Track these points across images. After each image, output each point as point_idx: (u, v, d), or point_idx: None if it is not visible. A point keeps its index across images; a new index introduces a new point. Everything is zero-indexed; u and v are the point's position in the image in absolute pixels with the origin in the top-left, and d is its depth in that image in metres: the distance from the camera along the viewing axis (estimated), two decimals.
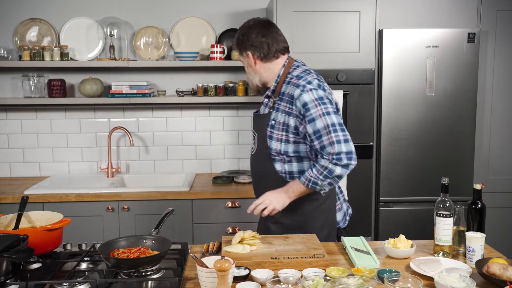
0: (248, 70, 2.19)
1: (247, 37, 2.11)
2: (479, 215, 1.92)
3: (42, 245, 1.79)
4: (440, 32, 3.09)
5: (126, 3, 3.48)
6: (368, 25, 3.06)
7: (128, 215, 3.01)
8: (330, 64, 3.07)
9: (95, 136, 3.56)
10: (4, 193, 3.00)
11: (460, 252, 1.91)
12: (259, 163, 2.19)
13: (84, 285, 1.59)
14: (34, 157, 3.55)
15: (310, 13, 3.03)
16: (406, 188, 3.19)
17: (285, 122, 2.05)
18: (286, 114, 2.05)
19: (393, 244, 1.88)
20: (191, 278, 1.69)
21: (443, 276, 1.55)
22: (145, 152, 3.60)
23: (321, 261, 1.75)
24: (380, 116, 3.14)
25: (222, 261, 1.43)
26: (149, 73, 3.54)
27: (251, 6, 3.52)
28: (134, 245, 1.81)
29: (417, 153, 3.16)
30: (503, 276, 1.57)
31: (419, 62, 3.10)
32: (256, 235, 1.91)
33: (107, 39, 3.44)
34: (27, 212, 1.97)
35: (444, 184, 1.89)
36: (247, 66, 2.17)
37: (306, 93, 1.97)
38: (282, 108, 2.07)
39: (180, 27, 3.49)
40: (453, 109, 3.15)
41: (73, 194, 2.97)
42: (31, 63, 3.27)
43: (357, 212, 3.17)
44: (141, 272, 1.68)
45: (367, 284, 1.48)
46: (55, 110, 3.52)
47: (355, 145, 1.97)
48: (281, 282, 1.51)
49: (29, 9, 3.42)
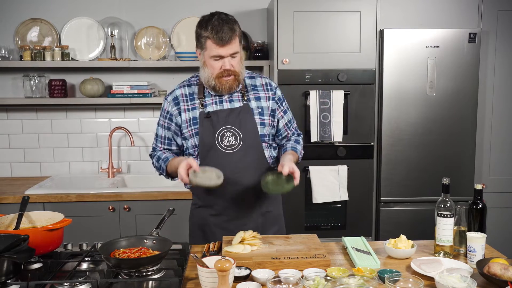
0: (240, 64, 2.07)
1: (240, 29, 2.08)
2: (480, 215, 1.92)
3: (43, 245, 1.79)
4: (441, 32, 3.08)
5: (127, 3, 3.48)
6: (369, 25, 3.06)
7: (129, 215, 3.01)
8: (331, 64, 3.07)
9: (96, 136, 3.57)
10: (5, 193, 3.00)
11: (461, 252, 1.91)
12: (244, 157, 2.08)
13: (84, 285, 1.59)
14: (35, 157, 3.55)
15: (310, 13, 3.03)
16: (407, 188, 3.18)
17: (269, 108, 2.16)
18: (270, 100, 2.16)
19: (394, 244, 1.88)
20: (192, 278, 1.69)
21: (444, 276, 1.55)
22: (146, 152, 3.60)
23: (322, 261, 1.75)
24: (381, 116, 3.14)
25: (223, 261, 1.43)
26: (150, 73, 3.54)
27: (252, 6, 3.51)
28: (134, 245, 1.81)
29: (418, 153, 3.16)
30: (504, 276, 1.57)
31: (420, 62, 3.10)
32: (256, 235, 1.91)
33: (108, 39, 3.44)
34: (28, 212, 1.97)
35: (445, 184, 1.89)
36: (239, 60, 2.06)
37: (278, 87, 2.24)
38: (263, 95, 2.15)
39: (181, 27, 3.49)
40: (454, 109, 3.15)
41: (74, 194, 2.97)
42: (32, 63, 3.28)
43: (358, 212, 3.19)
44: (141, 272, 1.68)
45: (367, 284, 1.48)
46: (56, 110, 3.52)
47: (355, 145, 2.01)
48: (282, 282, 1.51)
49: (30, 9, 3.43)
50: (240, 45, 2.06)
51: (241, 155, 2.08)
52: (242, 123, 2.08)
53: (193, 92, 2.14)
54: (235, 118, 2.08)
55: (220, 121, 2.08)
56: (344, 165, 3.08)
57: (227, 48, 1.98)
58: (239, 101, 2.12)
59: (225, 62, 2.00)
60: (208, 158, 2.08)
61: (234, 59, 2.02)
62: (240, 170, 2.08)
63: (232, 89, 2.08)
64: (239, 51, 2.04)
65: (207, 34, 1.99)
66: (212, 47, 1.98)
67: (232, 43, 1.99)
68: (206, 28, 2.00)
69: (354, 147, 3.12)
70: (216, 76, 2.03)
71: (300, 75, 3.05)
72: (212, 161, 2.07)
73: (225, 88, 2.05)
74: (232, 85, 2.06)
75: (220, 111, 2.09)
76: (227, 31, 1.97)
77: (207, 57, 2.02)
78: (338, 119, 3.03)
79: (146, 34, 3.45)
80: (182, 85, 2.18)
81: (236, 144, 2.08)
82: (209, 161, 2.07)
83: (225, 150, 2.08)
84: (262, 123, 2.12)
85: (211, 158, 2.08)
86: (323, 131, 3.02)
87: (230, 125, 2.08)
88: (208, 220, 2.17)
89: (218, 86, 2.05)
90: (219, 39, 1.96)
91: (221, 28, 1.97)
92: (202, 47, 2.03)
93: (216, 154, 2.07)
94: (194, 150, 2.12)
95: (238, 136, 2.08)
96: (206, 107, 2.10)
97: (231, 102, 2.11)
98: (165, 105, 2.17)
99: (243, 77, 2.11)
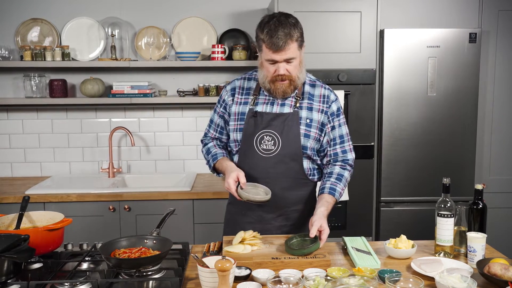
0: (299, 68, 1.98)
1: (302, 30, 1.96)
2: (480, 215, 1.92)
3: (43, 245, 1.79)
4: (441, 32, 3.08)
5: (127, 3, 3.48)
6: (369, 25, 3.06)
7: (129, 215, 3.01)
8: (331, 64, 3.07)
9: (96, 136, 3.57)
10: (6, 193, 3.01)
11: (461, 252, 1.91)
12: (279, 164, 2.03)
13: (85, 285, 1.59)
14: (36, 157, 3.56)
15: (311, 13, 3.03)
16: (407, 188, 3.18)
17: (320, 121, 2.06)
18: (321, 113, 2.07)
19: (394, 244, 1.88)
20: (192, 278, 1.69)
21: (444, 277, 1.55)
22: (146, 152, 3.60)
23: (322, 261, 1.75)
24: (381, 116, 3.14)
25: (223, 261, 1.43)
26: (150, 73, 3.54)
27: (252, 6, 3.52)
28: (135, 245, 1.81)
29: (418, 153, 3.16)
30: (504, 276, 1.57)
31: (420, 62, 3.09)
32: (257, 235, 1.91)
33: (108, 39, 3.44)
34: (28, 212, 1.97)
35: (445, 184, 1.89)
36: (297, 65, 1.97)
37: (337, 100, 2.13)
38: (316, 107, 2.07)
39: (181, 27, 3.49)
40: (454, 109, 3.15)
41: (74, 194, 2.97)
42: (32, 63, 3.28)
43: (358, 212, 3.19)
44: (142, 272, 1.68)
45: (368, 284, 1.48)
46: (56, 110, 3.52)
47: (356, 145, 2.00)
48: (282, 282, 1.51)
49: (30, 9, 3.43)
50: (300, 49, 1.96)
51: (276, 162, 2.03)
52: (285, 130, 2.02)
53: (251, 87, 2.12)
54: (280, 124, 2.02)
55: (263, 122, 2.03)
56: None
57: (281, 54, 1.90)
58: (290, 106, 2.05)
59: (279, 67, 1.93)
60: (246, 157, 2.07)
61: (290, 64, 1.94)
62: (272, 176, 2.03)
63: (287, 93, 2.01)
64: (296, 56, 1.94)
65: (262, 36, 1.92)
66: (267, 51, 1.92)
67: (286, 49, 1.89)
68: (262, 31, 1.92)
69: (355, 147, 3.06)
70: (270, 80, 1.98)
71: None
72: (248, 161, 2.05)
73: (279, 92, 2.00)
74: (287, 89, 1.99)
75: (267, 113, 2.04)
76: (282, 37, 1.87)
77: (263, 59, 1.97)
78: None
79: (147, 34, 3.45)
80: (243, 78, 2.16)
81: (274, 150, 2.02)
82: (245, 161, 2.06)
83: (262, 154, 2.03)
84: (307, 134, 2.04)
85: (248, 158, 2.06)
86: None
87: (272, 129, 2.02)
88: (236, 219, 2.17)
89: (273, 90, 2.00)
90: (273, 44, 1.88)
91: (276, 34, 1.87)
92: (259, 48, 1.99)
93: (252, 156, 2.04)
94: (235, 145, 2.10)
95: (277, 142, 2.02)
96: (257, 105, 2.07)
97: (282, 106, 2.05)
98: (223, 94, 2.15)
99: (300, 83, 2.03)
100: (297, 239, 1.91)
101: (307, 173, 2.10)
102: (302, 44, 1.97)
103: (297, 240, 1.90)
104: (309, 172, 2.11)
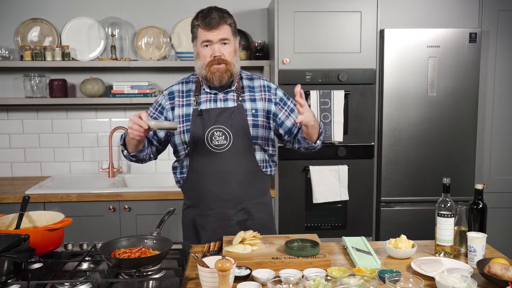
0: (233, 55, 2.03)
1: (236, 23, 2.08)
2: (480, 215, 1.92)
3: (43, 245, 1.79)
4: (442, 32, 3.08)
5: (127, 3, 3.48)
6: (369, 25, 3.06)
7: (129, 215, 3.01)
8: (331, 64, 3.07)
9: (96, 136, 3.57)
10: (6, 193, 3.01)
11: (461, 252, 1.91)
12: (234, 158, 2.05)
13: (85, 285, 1.59)
14: (36, 157, 3.55)
15: (311, 13, 3.03)
16: (407, 188, 3.18)
17: (266, 109, 2.11)
18: (265, 101, 2.12)
19: (394, 244, 1.88)
20: (192, 278, 1.69)
21: (445, 276, 1.55)
22: None
23: (322, 261, 1.75)
24: (381, 116, 3.14)
25: (223, 261, 1.43)
26: (150, 73, 3.54)
27: (252, 6, 3.51)
28: (135, 245, 1.81)
29: (418, 153, 3.16)
30: (505, 276, 1.57)
31: (421, 62, 3.09)
32: (257, 235, 1.91)
33: (108, 39, 3.44)
34: (28, 212, 1.97)
35: (446, 184, 1.89)
36: (232, 51, 2.02)
37: (278, 87, 2.19)
38: (259, 97, 2.12)
39: (181, 27, 3.49)
40: (455, 109, 3.14)
41: (74, 194, 2.97)
42: (32, 63, 3.28)
43: (358, 212, 3.19)
44: (142, 272, 1.68)
45: (368, 284, 1.48)
46: (56, 110, 3.52)
47: (356, 145, 1.99)
48: (282, 282, 1.51)
49: (30, 9, 3.43)
50: (234, 37, 2.05)
51: (230, 156, 2.05)
52: (234, 123, 2.04)
53: (190, 89, 2.14)
54: (227, 118, 2.05)
55: (211, 119, 2.05)
56: (344, 165, 3.08)
57: (216, 33, 1.97)
58: (233, 101, 2.09)
59: (215, 48, 1.98)
60: (198, 156, 2.07)
61: (224, 46, 2.00)
62: (228, 171, 2.06)
63: (223, 79, 2.01)
64: (230, 39, 2.01)
65: (197, 22, 2.01)
66: (201, 33, 1.99)
67: (221, 28, 1.98)
68: (197, 18, 2.03)
69: (355, 147, 3.12)
70: (207, 65, 2.00)
71: (301, 75, 3.05)
72: (201, 160, 2.06)
73: (215, 77, 2.00)
74: (224, 75, 2.01)
75: (212, 110, 2.06)
76: (216, 17, 1.98)
77: (199, 46, 2.02)
78: (339, 119, 3.03)
79: (147, 34, 3.45)
80: (181, 82, 2.18)
81: (226, 144, 2.04)
82: (198, 160, 2.07)
83: (214, 150, 2.05)
84: (255, 124, 2.08)
85: (201, 157, 2.06)
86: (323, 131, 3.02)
87: (221, 124, 2.04)
88: (196, 221, 2.17)
89: (209, 76, 2.01)
90: (207, 24, 1.97)
91: (210, 14, 1.98)
92: (194, 36, 2.05)
93: (205, 153, 2.05)
94: (184, 147, 2.10)
95: (228, 136, 2.04)
96: (200, 104, 2.08)
97: (225, 102, 2.09)
98: (159, 98, 2.16)
99: (236, 71, 2.06)
100: (298, 243, 1.91)
101: (260, 165, 2.12)
102: (235, 33, 2.06)
103: (298, 244, 1.90)
104: (262, 164, 2.14)
